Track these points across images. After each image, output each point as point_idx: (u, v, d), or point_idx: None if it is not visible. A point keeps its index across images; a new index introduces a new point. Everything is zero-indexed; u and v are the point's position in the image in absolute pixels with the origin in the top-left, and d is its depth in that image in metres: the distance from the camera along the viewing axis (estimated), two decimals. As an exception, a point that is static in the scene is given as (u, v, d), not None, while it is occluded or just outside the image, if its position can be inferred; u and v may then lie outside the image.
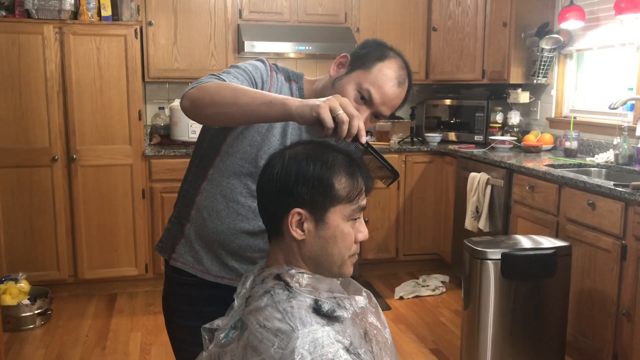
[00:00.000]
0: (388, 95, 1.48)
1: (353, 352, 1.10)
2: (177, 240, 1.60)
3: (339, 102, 1.21)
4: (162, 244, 1.66)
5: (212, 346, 1.23)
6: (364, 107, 1.49)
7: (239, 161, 1.51)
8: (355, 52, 1.54)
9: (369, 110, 1.49)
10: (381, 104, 1.48)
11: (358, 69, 1.49)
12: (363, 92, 1.48)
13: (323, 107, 1.19)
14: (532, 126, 4.47)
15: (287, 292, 1.16)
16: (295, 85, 1.59)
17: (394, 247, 4.47)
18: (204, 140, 1.60)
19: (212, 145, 1.56)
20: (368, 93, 1.47)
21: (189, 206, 1.58)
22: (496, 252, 2.66)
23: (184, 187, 1.65)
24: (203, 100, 1.35)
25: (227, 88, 1.35)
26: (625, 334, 2.71)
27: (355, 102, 1.48)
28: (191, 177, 1.61)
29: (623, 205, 2.70)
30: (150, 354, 3.22)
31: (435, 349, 3.32)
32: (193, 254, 1.57)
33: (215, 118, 1.38)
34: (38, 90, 3.72)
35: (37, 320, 3.53)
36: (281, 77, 1.58)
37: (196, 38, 4.17)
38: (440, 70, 4.63)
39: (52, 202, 3.83)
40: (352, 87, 1.49)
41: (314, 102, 1.21)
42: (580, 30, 3.90)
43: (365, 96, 1.48)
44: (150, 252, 4.03)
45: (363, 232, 1.22)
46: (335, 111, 1.20)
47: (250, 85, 1.48)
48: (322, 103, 1.20)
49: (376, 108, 1.49)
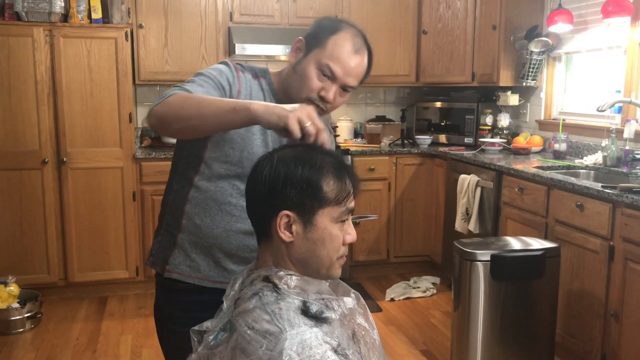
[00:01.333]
0: (348, 65, 1.49)
1: (341, 353, 1.11)
2: (169, 252, 1.58)
3: (306, 114, 1.23)
4: (154, 258, 1.63)
5: (201, 348, 1.24)
6: (328, 82, 1.50)
7: (224, 165, 1.52)
8: (309, 33, 1.55)
9: (335, 85, 1.50)
10: (344, 75, 1.49)
11: (314, 48, 1.51)
12: (323, 68, 1.49)
13: (291, 119, 1.21)
14: (522, 128, 4.50)
15: (275, 294, 1.16)
16: (264, 81, 1.60)
17: (385, 249, 4.48)
18: (184, 149, 1.59)
19: (194, 153, 1.55)
20: (328, 68, 1.48)
21: (178, 216, 1.57)
22: (486, 254, 2.68)
23: (168, 197, 1.62)
24: (168, 117, 1.37)
25: (190, 100, 1.36)
26: (614, 334, 2.74)
27: (319, 81, 1.50)
28: (176, 187, 1.59)
29: (611, 207, 2.73)
30: (141, 356, 3.22)
31: (426, 350, 3.33)
32: (189, 262, 1.56)
33: (184, 132, 1.40)
34: (28, 92, 3.71)
35: (27, 324, 3.52)
36: (248, 76, 1.58)
37: (187, 41, 4.17)
38: (431, 72, 4.66)
39: (42, 205, 3.82)
40: (313, 67, 1.50)
41: (281, 112, 1.23)
42: (568, 33, 3.93)
43: (327, 72, 1.49)
44: (141, 255, 4.03)
45: (351, 234, 1.23)
46: (303, 123, 1.22)
47: (217, 91, 1.49)
48: (290, 114, 1.22)
49: (341, 81, 1.50)
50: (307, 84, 1.51)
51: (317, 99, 1.52)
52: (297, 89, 1.54)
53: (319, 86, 1.51)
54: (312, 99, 1.52)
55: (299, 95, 1.53)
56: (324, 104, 1.53)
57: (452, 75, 4.56)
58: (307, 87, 1.51)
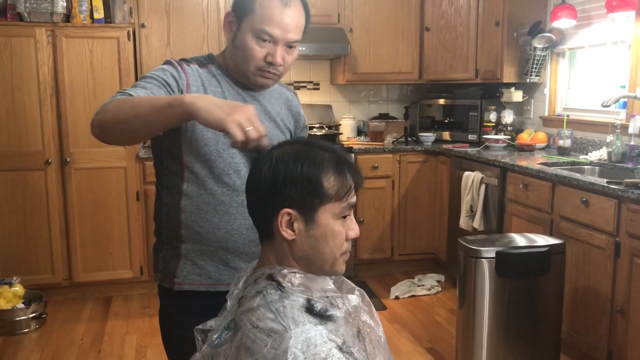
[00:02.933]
0: (283, 22, 1.46)
1: (346, 350, 1.10)
2: (175, 264, 1.55)
3: (246, 117, 1.20)
4: (161, 274, 1.59)
5: (205, 347, 1.23)
6: (270, 46, 1.47)
7: (205, 164, 1.49)
8: (235, 2, 1.52)
9: (278, 46, 1.47)
10: (284, 33, 1.46)
11: (244, 17, 1.47)
12: (260, 34, 1.46)
13: (230, 123, 1.18)
14: (526, 125, 4.48)
15: (279, 292, 1.15)
16: (212, 67, 1.57)
17: (389, 247, 4.47)
18: (163, 160, 1.56)
19: (173, 162, 1.53)
20: (264, 32, 1.45)
21: (176, 228, 1.54)
22: (490, 251, 2.67)
23: (162, 211, 1.58)
24: (107, 123, 1.33)
25: (127, 102, 1.33)
26: (620, 331, 2.72)
27: (261, 48, 1.47)
28: (166, 200, 1.56)
29: (616, 203, 2.71)
30: (146, 356, 3.21)
31: (431, 348, 3.32)
32: (197, 271, 1.53)
33: (125, 136, 1.36)
34: (31, 93, 3.71)
35: (32, 324, 3.52)
36: (195, 66, 1.55)
37: (189, 40, 4.17)
38: (434, 70, 4.64)
39: (45, 206, 3.82)
40: (249, 37, 1.47)
41: (219, 116, 1.19)
42: (572, 28, 3.91)
43: (265, 37, 1.46)
44: (145, 255, 4.03)
45: (354, 230, 1.22)
46: (245, 128, 1.18)
47: (162, 89, 1.45)
48: (229, 118, 1.18)
49: (284, 40, 1.47)
50: (250, 55, 1.48)
51: (265, 66, 1.49)
52: (243, 63, 1.51)
53: (263, 53, 1.48)
54: (261, 67, 1.49)
55: (247, 68, 1.50)
56: (275, 68, 1.50)
57: (456, 72, 4.54)
58: (251, 58, 1.48)
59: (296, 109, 1.73)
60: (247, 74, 1.52)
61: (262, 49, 1.47)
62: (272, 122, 1.61)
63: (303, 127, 1.78)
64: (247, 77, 1.53)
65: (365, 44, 4.52)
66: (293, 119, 1.72)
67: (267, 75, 1.52)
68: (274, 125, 1.61)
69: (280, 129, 1.64)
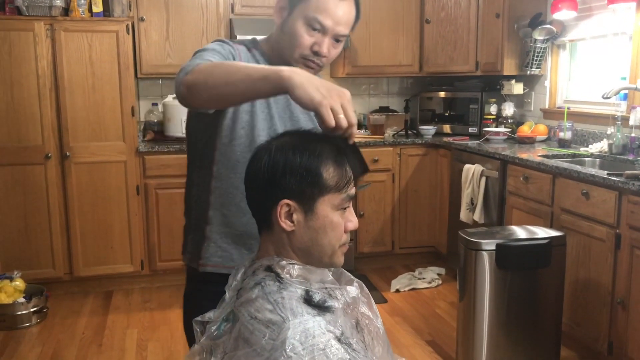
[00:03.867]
0: (336, 14, 1.46)
1: (345, 341, 1.10)
2: (201, 246, 1.57)
3: (340, 103, 1.16)
4: (190, 255, 1.62)
5: (204, 339, 1.23)
6: (319, 36, 1.47)
7: (238, 147, 1.50)
8: None
9: (326, 37, 1.47)
10: (334, 25, 1.46)
11: (297, 4, 1.47)
12: (312, 22, 1.45)
13: (325, 107, 1.14)
14: (526, 117, 4.47)
15: (277, 284, 1.15)
16: (256, 52, 1.58)
17: (390, 240, 4.47)
18: (197, 141, 1.57)
19: (207, 143, 1.54)
20: (316, 21, 1.45)
21: (204, 209, 1.55)
22: (491, 243, 2.66)
23: (192, 191, 1.61)
24: (198, 85, 1.29)
25: (219, 67, 1.30)
26: (620, 322, 2.72)
27: (309, 36, 1.47)
28: (197, 180, 1.58)
29: (617, 195, 2.71)
30: (147, 350, 3.22)
31: (432, 340, 3.32)
32: (220, 253, 1.55)
33: (214, 100, 1.33)
34: (30, 87, 3.70)
35: (33, 318, 3.52)
36: (243, 48, 1.56)
37: (188, 33, 4.15)
38: (434, 62, 4.63)
39: (46, 200, 3.82)
40: (301, 23, 1.47)
41: (314, 97, 1.14)
42: (573, 20, 3.90)
43: (316, 26, 1.46)
44: (145, 249, 4.03)
45: (353, 222, 1.21)
46: (337, 114, 1.15)
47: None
48: (324, 101, 1.14)
49: (332, 32, 1.47)
50: (298, 41, 1.48)
51: (310, 55, 1.49)
52: (288, 49, 1.51)
53: (311, 42, 1.47)
54: (306, 56, 1.49)
55: (292, 55, 1.51)
56: (319, 59, 1.50)
57: (456, 65, 4.53)
58: (298, 45, 1.48)
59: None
60: (291, 61, 1.51)
61: (310, 37, 1.47)
62: (306, 114, 1.62)
63: None
64: (290, 64, 1.52)
65: (365, 36, 4.51)
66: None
67: (310, 65, 1.52)
68: (308, 117, 1.62)
69: (313, 121, 1.64)
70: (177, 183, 3.98)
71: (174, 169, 3.96)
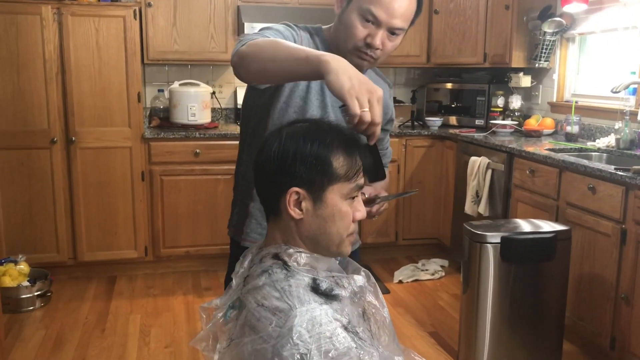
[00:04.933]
0: (391, 6, 1.44)
1: (351, 330, 1.10)
2: (244, 221, 1.63)
3: (367, 97, 1.15)
4: (234, 229, 1.68)
5: (210, 325, 1.23)
6: (373, 28, 1.46)
7: None
8: None
9: (380, 30, 1.46)
10: (389, 18, 1.44)
11: None
12: (366, 14, 1.45)
13: (351, 95, 1.14)
14: (534, 110, 4.44)
15: (285, 271, 1.15)
16: (317, 39, 1.58)
17: (394, 232, 4.47)
18: (250, 119, 1.61)
19: (259, 122, 1.57)
20: (370, 13, 1.44)
21: (249, 186, 1.59)
22: (496, 236, 2.66)
23: (240, 169, 1.67)
24: (249, 56, 1.33)
25: (270, 43, 1.32)
26: (624, 318, 2.72)
27: (363, 27, 1.46)
28: (245, 158, 1.63)
29: (623, 190, 2.69)
30: (149, 335, 3.23)
31: (434, 332, 3.33)
32: (260, 230, 1.60)
33: (259, 74, 1.36)
34: (37, 71, 3.69)
35: (37, 302, 3.54)
36: (306, 35, 1.57)
37: (195, 20, 4.14)
38: (442, 53, 4.60)
39: (51, 184, 3.82)
40: (355, 15, 1.46)
41: (344, 83, 1.14)
42: (583, 13, 3.86)
43: (369, 18, 1.45)
44: (149, 235, 4.03)
45: (361, 211, 1.21)
46: (362, 107, 1.14)
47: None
48: (352, 90, 1.14)
49: (387, 25, 1.45)
50: (352, 32, 1.48)
51: (364, 47, 1.49)
52: (343, 39, 1.51)
53: (364, 33, 1.47)
54: (359, 48, 1.49)
55: (346, 46, 1.51)
56: (373, 51, 1.50)
57: (464, 56, 4.50)
58: (352, 36, 1.48)
59: (387, 101, 1.74)
60: (345, 52, 1.51)
61: (364, 29, 1.46)
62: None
63: (389, 119, 1.78)
64: (345, 55, 1.51)
65: (373, 26, 4.47)
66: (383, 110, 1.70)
67: (363, 57, 1.52)
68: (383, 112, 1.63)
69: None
70: (182, 170, 3.98)
71: (179, 155, 3.96)
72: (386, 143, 1.87)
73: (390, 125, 1.80)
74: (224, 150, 3.99)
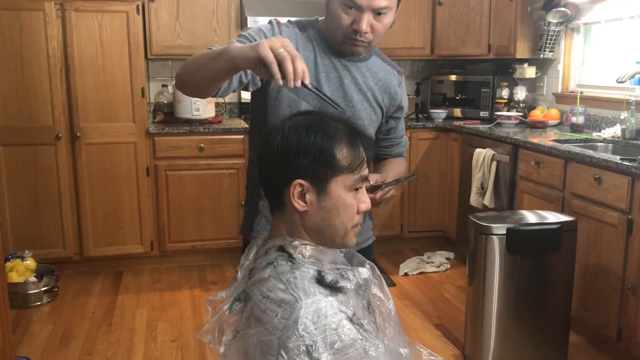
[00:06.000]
0: None
1: (356, 322, 1.10)
2: (254, 219, 1.64)
3: (280, 42, 1.18)
4: (245, 227, 1.70)
5: (216, 317, 1.23)
6: (356, 13, 1.46)
7: None
8: None
9: (364, 13, 1.46)
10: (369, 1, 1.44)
11: None
12: (347, 1, 1.45)
13: (262, 45, 1.17)
14: (539, 101, 4.43)
15: (290, 263, 1.15)
16: (312, 31, 1.58)
17: (399, 224, 4.46)
18: (255, 119, 1.63)
19: (261, 121, 1.59)
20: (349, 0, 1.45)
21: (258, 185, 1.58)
22: (501, 227, 2.65)
23: (249, 168, 1.70)
24: (181, 75, 1.41)
25: (199, 55, 1.37)
26: (630, 309, 2.71)
27: (346, 15, 1.46)
28: (253, 157, 1.66)
29: (630, 180, 2.68)
30: (156, 330, 3.25)
31: (440, 324, 3.33)
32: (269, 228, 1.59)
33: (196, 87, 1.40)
34: (40, 67, 3.70)
35: (44, 298, 3.56)
36: (295, 29, 1.57)
37: (198, 14, 4.13)
38: (446, 45, 4.58)
39: (56, 180, 3.83)
40: (337, 4, 1.47)
41: (250, 49, 1.19)
42: (587, 3, 3.84)
43: (349, 3, 1.45)
44: (155, 230, 4.04)
45: (365, 202, 1.21)
46: (276, 50, 1.16)
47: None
48: (262, 41, 1.18)
49: (369, 7, 1.45)
50: (337, 22, 1.49)
51: (352, 34, 1.49)
52: (333, 30, 1.52)
53: (349, 20, 1.47)
54: (348, 35, 1.50)
55: (336, 35, 1.52)
56: (363, 36, 1.49)
57: (468, 48, 4.48)
58: (338, 25, 1.49)
59: (394, 88, 1.72)
60: (338, 42, 1.53)
61: (348, 16, 1.46)
62: (360, 94, 1.62)
63: (398, 107, 1.76)
64: (338, 44, 1.55)
65: (376, 19, 4.45)
66: (389, 97, 1.71)
67: (355, 43, 1.52)
68: (362, 97, 1.62)
69: (369, 102, 1.65)
70: (187, 165, 3.99)
71: (184, 150, 3.96)
72: (400, 132, 1.84)
73: (400, 112, 1.78)
74: (228, 145, 4.00)
